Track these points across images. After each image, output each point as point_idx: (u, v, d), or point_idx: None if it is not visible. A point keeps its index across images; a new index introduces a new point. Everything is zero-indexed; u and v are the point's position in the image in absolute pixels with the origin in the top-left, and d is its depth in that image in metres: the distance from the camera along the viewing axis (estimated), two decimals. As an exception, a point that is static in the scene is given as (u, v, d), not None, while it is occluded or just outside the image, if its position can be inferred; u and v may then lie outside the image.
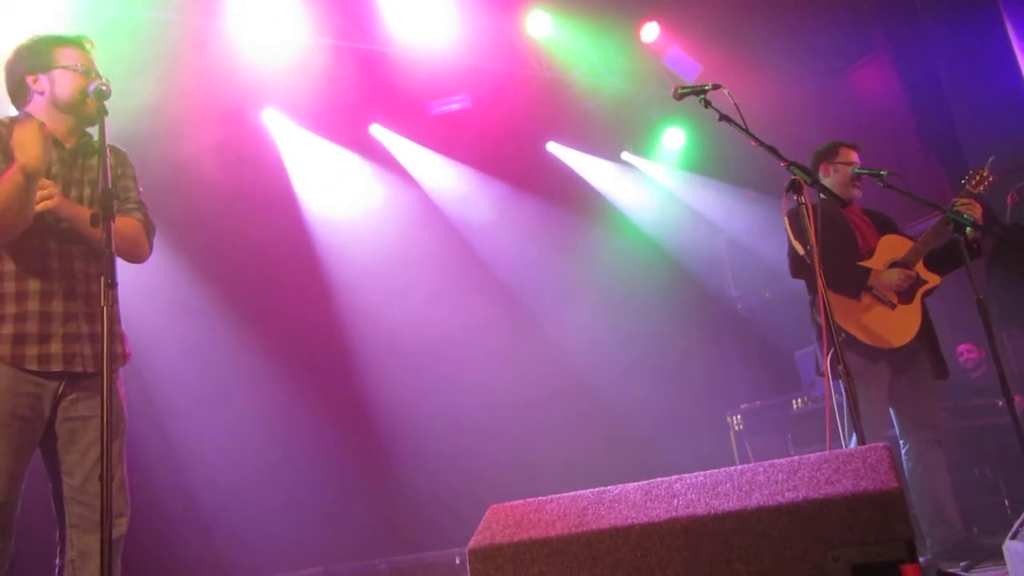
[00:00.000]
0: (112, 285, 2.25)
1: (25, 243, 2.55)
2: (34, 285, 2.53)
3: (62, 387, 2.56)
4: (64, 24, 4.72)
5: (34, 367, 2.49)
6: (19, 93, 2.74)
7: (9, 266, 2.54)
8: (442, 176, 7.52)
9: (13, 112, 2.77)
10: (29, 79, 2.71)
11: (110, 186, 2.36)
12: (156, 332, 5.31)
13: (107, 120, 2.45)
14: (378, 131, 7.27)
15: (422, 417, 6.56)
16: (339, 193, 6.99)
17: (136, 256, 2.78)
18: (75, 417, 2.57)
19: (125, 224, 2.72)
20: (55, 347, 2.52)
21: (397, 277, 6.82)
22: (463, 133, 7.18)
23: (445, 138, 7.30)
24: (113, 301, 2.56)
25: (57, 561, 2.55)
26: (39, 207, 2.46)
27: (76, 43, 2.77)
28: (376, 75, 6.65)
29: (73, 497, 2.53)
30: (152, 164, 3.09)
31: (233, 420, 5.85)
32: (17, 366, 2.47)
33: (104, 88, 2.61)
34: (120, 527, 2.57)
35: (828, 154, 4.27)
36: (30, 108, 2.72)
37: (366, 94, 6.79)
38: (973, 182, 3.97)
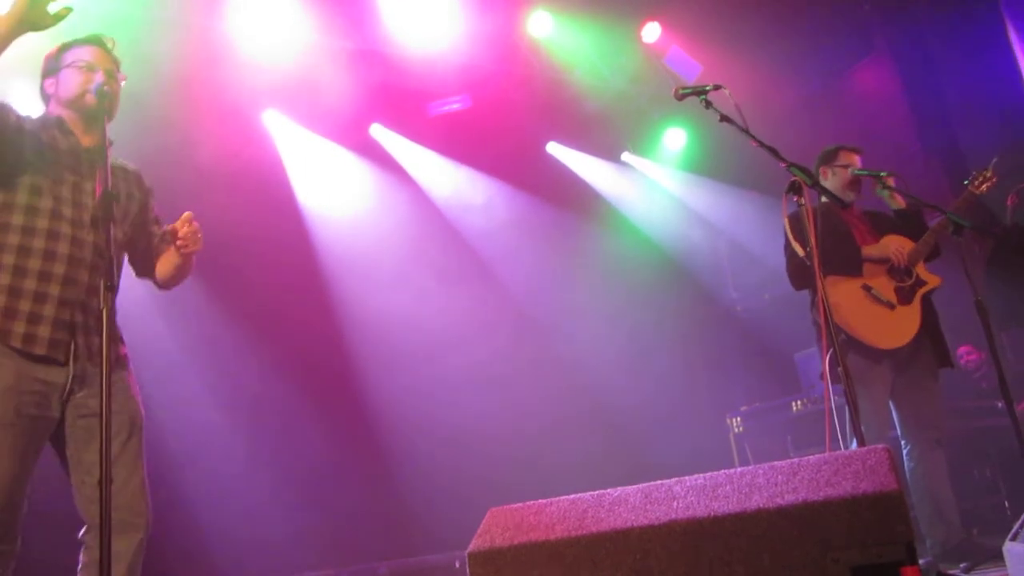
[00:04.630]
0: (111, 288, 2.24)
1: (36, 223, 2.53)
2: (35, 264, 2.50)
3: (70, 384, 2.52)
4: (62, 24, 4.71)
5: (18, 345, 2.45)
6: (42, 98, 2.84)
7: (14, 239, 2.51)
8: (442, 176, 7.51)
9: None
10: (45, 83, 2.80)
11: (110, 187, 2.36)
12: (153, 331, 5.30)
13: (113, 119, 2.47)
14: (378, 131, 7.27)
15: (421, 420, 6.54)
16: (339, 193, 6.99)
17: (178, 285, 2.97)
18: (89, 414, 2.52)
19: (186, 261, 2.85)
20: (42, 330, 2.48)
21: (396, 278, 6.82)
22: (463, 133, 7.17)
23: (445, 138, 7.28)
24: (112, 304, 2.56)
25: (81, 559, 2.52)
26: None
27: (90, 42, 2.79)
28: (376, 75, 6.64)
29: (94, 497, 2.46)
30: (151, 165, 3.07)
31: (229, 422, 5.84)
32: (3, 342, 2.44)
33: (106, 89, 2.61)
34: (141, 529, 2.55)
35: (828, 157, 4.27)
36: (48, 110, 2.79)
37: (366, 94, 6.78)
38: (976, 183, 3.99)
